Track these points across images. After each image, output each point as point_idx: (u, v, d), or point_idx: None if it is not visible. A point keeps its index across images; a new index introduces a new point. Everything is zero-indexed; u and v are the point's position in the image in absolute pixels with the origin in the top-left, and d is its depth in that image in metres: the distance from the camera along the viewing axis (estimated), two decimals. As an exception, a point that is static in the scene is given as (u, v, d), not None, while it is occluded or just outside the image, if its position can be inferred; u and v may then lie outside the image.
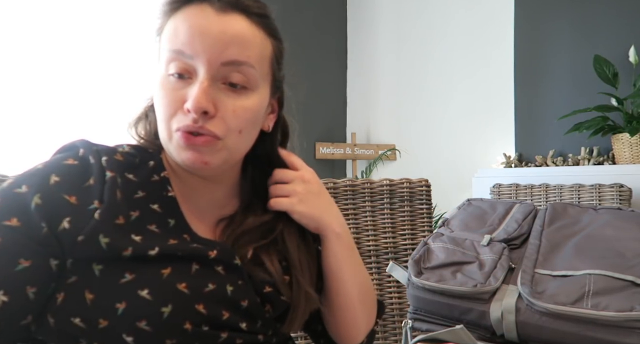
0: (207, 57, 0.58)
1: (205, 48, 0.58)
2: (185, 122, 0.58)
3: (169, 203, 0.63)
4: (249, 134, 0.65)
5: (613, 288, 0.79)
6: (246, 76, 0.61)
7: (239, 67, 0.60)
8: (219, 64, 0.59)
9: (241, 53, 0.60)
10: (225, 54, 0.59)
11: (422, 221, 1.23)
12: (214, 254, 0.61)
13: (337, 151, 3.32)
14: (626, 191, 1.85)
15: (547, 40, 2.59)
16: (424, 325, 0.93)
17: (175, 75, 0.59)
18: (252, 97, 0.62)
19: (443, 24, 3.07)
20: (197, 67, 0.59)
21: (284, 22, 0.77)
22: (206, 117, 0.58)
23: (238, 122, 0.61)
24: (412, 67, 3.23)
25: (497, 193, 2.17)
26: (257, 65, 0.62)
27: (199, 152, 0.59)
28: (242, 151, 0.66)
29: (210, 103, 0.58)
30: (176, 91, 0.59)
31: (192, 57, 0.58)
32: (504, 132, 2.77)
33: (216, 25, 0.58)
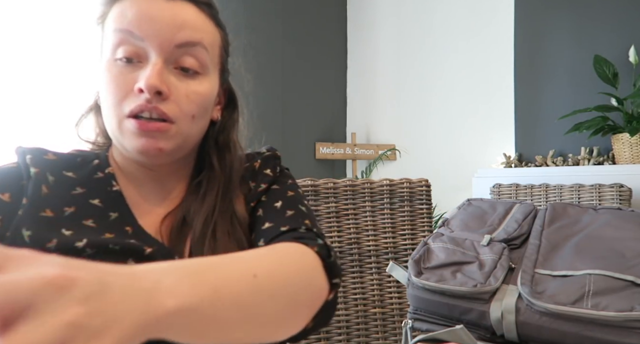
0: (160, 40, 0.57)
1: (156, 31, 0.57)
2: (138, 103, 0.57)
3: (113, 197, 0.62)
4: (201, 120, 0.64)
5: (613, 288, 0.79)
6: (199, 60, 0.60)
7: (192, 49, 0.59)
8: (172, 47, 0.58)
9: (194, 35, 0.59)
10: (178, 36, 0.58)
11: (422, 221, 1.23)
12: (149, 251, 0.59)
13: (337, 151, 3.32)
14: (626, 191, 1.84)
15: (547, 40, 2.59)
16: (424, 325, 0.93)
17: (123, 59, 0.58)
18: (204, 82, 0.62)
19: (443, 23, 3.07)
20: (147, 51, 0.58)
21: (284, 22, 0.77)
22: (159, 99, 0.57)
23: (191, 107, 0.60)
24: (412, 67, 3.23)
25: (497, 193, 2.17)
26: (209, 49, 0.62)
27: (153, 138, 0.58)
28: (195, 138, 0.65)
29: (163, 85, 0.57)
30: (125, 74, 0.58)
31: (143, 40, 0.57)
32: (504, 132, 2.77)
33: (167, 11, 0.58)
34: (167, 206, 0.67)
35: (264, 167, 0.73)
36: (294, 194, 0.71)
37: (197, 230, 0.64)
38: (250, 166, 0.73)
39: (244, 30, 2.97)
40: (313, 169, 3.25)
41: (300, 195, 0.72)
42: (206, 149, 0.70)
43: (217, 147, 0.70)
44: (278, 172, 0.74)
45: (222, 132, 0.70)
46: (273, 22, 3.15)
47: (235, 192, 0.69)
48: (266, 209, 0.68)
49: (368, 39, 3.47)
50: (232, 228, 0.66)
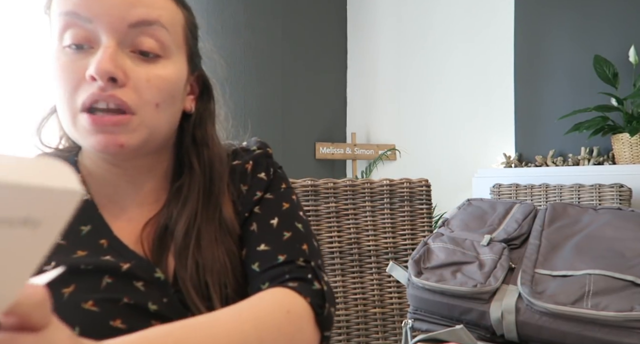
0: (110, 19, 0.50)
1: (105, 9, 0.50)
2: (90, 92, 0.50)
3: (84, 208, 0.56)
4: (168, 109, 0.56)
5: (613, 288, 0.79)
6: (158, 41, 0.53)
7: (149, 28, 0.52)
8: (125, 27, 0.51)
9: (150, 12, 0.52)
10: (132, 14, 0.51)
11: (422, 221, 1.23)
12: (127, 267, 0.53)
13: (337, 151, 3.32)
14: (626, 191, 1.84)
15: (547, 40, 2.59)
16: (424, 325, 0.93)
17: (72, 46, 0.51)
18: (167, 66, 0.55)
19: (443, 23, 3.07)
20: (98, 33, 0.51)
21: (284, 22, 0.76)
22: (115, 86, 0.51)
23: (153, 94, 0.53)
24: (412, 67, 3.23)
25: (497, 193, 2.17)
26: (169, 28, 0.54)
27: (112, 133, 0.51)
28: (163, 130, 0.57)
29: (118, 69, 0.50)
30: (75, 62, 0.51)
31: (91, 21, 0.50)
32: (504, 132, 2.77)
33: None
34: (146, 212, 0.60)
35: (258, 171, 0.66)
36: (289, 207, 0.65)
37: (179, 240, 0.58)
38: (240, 167, 0.66)
39: (244, 30, 2.97)
40: (313, 169, 3.25)
41: (295, 205, 0.67)
42: (184, 146, 0.63)
43: (194, 144, 0.63)
44: (272, 174, 0.67)
45: (199, 125, 0.63)
46: (273, 22, 3.15)
47: (221, 195, 0.63)
48: (261, 225, 0.62)
49: (368, 39, 3.47)
50: (220, 236, 0.60)
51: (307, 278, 0.58)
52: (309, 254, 0.61)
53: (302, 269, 0.59)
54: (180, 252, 0.57)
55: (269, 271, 0.58)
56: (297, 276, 0.58)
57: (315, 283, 0.58)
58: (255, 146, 0.69)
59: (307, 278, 0.58)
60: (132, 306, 0.52)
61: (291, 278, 0.57)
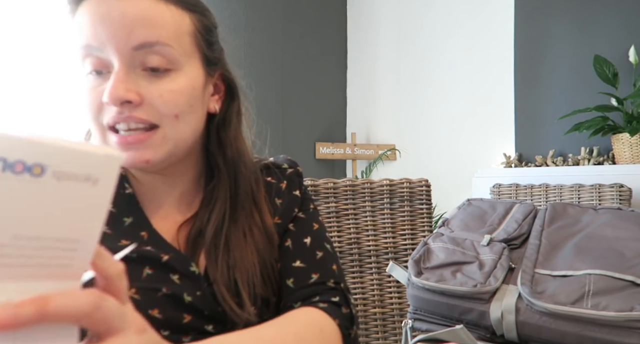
0: (115, 45, 0.53)
1: (109, 36, 0.53)
2: (111, 115, 0.54)
3: (126, 201, 0.60)
4: (189, 118, 0.58)
5: (613, 288, 0.79)
6: (165, 57, 0.55)
7: (152, 49, 0.54)
8: (130, 50, 0.54)
9: (149, 33, 0.54)
10: (132, 38, 0.53)
11: (422, 221, 1.23)
12: (166, 258, 0.57)
13: (337, 151, 3.32)
14: (626, 191, 1.84)
15: (547, 40, 2.59)
16: (424, 325, 0.93)
17: (93, 73, 0.56)
18: (178, 78, 0.57)
19: (443, 23, 3.07)
20: (110, 59, 0.54)
21: (284, 22, 0.76)
22: (131, 107, 0.54)
23: (170, 107, 0.56)
24: (412, 67, 3.23)
25: (497, 193, 2.17)
26: (174, 43, 0.56)
27: (137, 150, 0.55)
28: (188, 139, 0.59)
29: (130, 92, 0.53)
30: (96, 88, 0.55)
31: (101, 49, 0.54)
32: (504, 132, 2.77)
33: (116, 10, 0.53)
34: (183, 212, 0.64)
35: (293, 188, 0.72)
36: (318, 228, 0.71)
37: (209, 240, 0.61)
38: (275, 185, 0.70)
39: (244, 30, 2.97)
40: (313, 169, 3.24)
41: (323, 226, 0.73)
42: (210, 148, 0.65)
43: (219, 144, 0.65)
44: (304, 193, 0.73)
45: (223, 126, 0.65)
46: (273, 22, 3.15)
47: (249, 197, 0.66)
48: (296, 243, 0.68)
49: (368, 39, 3.47)
50: (251, 237, 0.63)
51: (336, 301, 0.64)
52: (338, 274, 0.67)
53: (332, 291, 0.65)
54: (210, 252, 0.60)
55: (302, 290, 0.64)
56: (327, 299, 0.63)
57: (344, 308, 0.63)
58: (286, 164, 0.74)
59: (337, 301, 0.64)
60: (169, 297, 0.55)
61: (321, 300, 0.63)
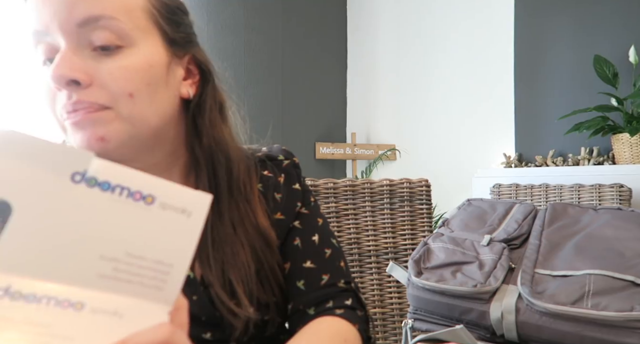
0: (58, 24, 0.50)
1: (52, 15, 0.50)
2: (62, 102, 0.51)
3: None
4: (148, 98, 0.53)
5: (613, 288, 0.79)
6: (113, 32, 0.51)
7: (97, 23, 0.50)
8: (74, 27, 0.50)
9: (92, 7, 0.50)
10: (74, 14, 0.50)
11: (422, 221, 1.23)
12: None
13: (337, 151, 3.32)
14: (626, 191, 1.84)
15: (547, 40, 2.59)
16: (424, 325, 0.93)
17: (46, 62, 0.52)
18: (132, 55, 0.52)
19: (443, 23, 3.07)
20: (57, 42, 0.51)
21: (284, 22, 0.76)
22: (79, 88, 0.50)
23: (121, 85, 0.51)
24: (412, 67, 3.23)
25: (497, 193, 2.17)
26: (121, 17, 0.52)
27: (91, 127, 0.51)
28: (151, 120, 0.54)
29: (76, 71, 0.50)
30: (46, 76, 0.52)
31: (47, 33, 0.51)
32: (504, 132, 2.77)
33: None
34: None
35: (291, 182, 0.69)
36: (323, 223, 0.70)
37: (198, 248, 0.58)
38: (272, 179, 0.67)
39: (244, 30, 2.97)
40: (313, 169, 3.25)
41: (326, 220, 0.72)
42: (188, 136, 0.61)
43: (195, 132, 0.61)
44: (303, 185, 0.70)
45: (199, 112, 0.61)
46: (273, 22, 3.15)
47: (236, 190, 0.62)
48: (305, 242, 0.66)
49: (368, 39, 3.47)
50: (241, 233, 0.60)
51: (350, 305, 0.64)
52: (346, 272, 0.68)
53: (345, 293, 0.65)
54: (200, 251, 0.58)
55: (314, 293, 0.63)
56: (341, 304, 0.63)
57: (359, 311, 0.64)
58: (281, 155, 0.71)
59: (351, 305, 0.64)
60: None
61: (336, 306, 0.63)
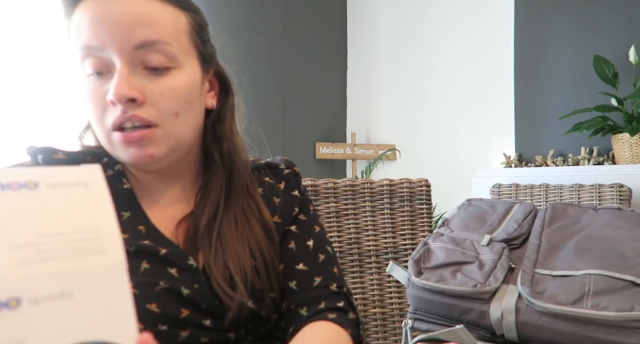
0: (117, 45, 0.54)
1: (111, 37, 0.54)
2: (116, 115, 0.56)
3: (124, 195, 0.61)
4: (189, 115, 0.60)
5: (613, 287, 0.79)
6: (165, 55, 0.57)
7: (153, 47, 0.56)
8: (131, 49, 0.55)
9: (150, 32, 0.55)
10: (133, 37, 0.55)
11: (422, 221, 1.23)
12: (164, 252, 0.58)
13: (337, 151, 3.32)
14: (626, 191, 1.84)
15: (547, 40, 2.59)
16: (424, 325, 0.93)
17: (94, 74, 0.56)
18: (178, 76, 0.58)
19: (443, 23, 3.07)
20: (111, 59, 0.55)
21: (284, 22, 0.76)
22: (135, 105, 0.56)
23: (170, 105, 0.57)
24: (412, 67, 3.23)
25: (497, 193, 2.17)
26: (173, 41, 0.58)
27: (141, 146, 0.57)
28: (188, 135, 0.61)
29: (134, 90, 0.55)
30: (98, 89, 0.56)
31: (102, 49, 0.55)
32: (504, 132, 2.76)
33: (115, 9, 0.54)
34: (180, 209, 0.65)
35: (291, 189, 0.73)
36: (320, 230, 0.73)
37: (202, 231, 0.62)
38: (273, 185, 0.72)
39: (244, 30, 2.97)
40: (313, 169, 3.24)
41: (324, 229, 0.74)
42: (205, 142, 0.67)
43: (214, 138, 0.67)
44: (303, 194, 0.74)
45: (218, 121, 0.67)
46: (273, 22, 3.15)
47: (245, 190, 0.67)
48: (299, 245, 0.69)
49: (368, 39, 3.47)
50: (242, 227, 0.64)
51: (342, 307, 0.65)
52: (339, 277, 0.69)
53: (336, 295, 0.67)
54: (204, 240, 0.62)
55: (306, 293, 0.65)
56: (333, 306, 0.65)
57: (350, 313, 0.66)
58: (283, 164, 0.76)
59: (342, 307, 0.65)
60: (167, 291, 0.56)
61: (328, 308, 0.64)
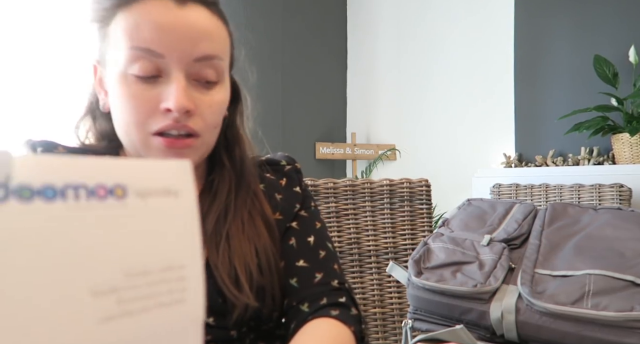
0: (179, 55, 0.55)
1: (174, 45, 0.55)
2: (166, 123, 0.56)
3: None
4: (219, 126, 0.63)
5: (613, 287, 0.79)
6: (216, 70, 0.59)
7: (210, 62, 0.58)
8: (191, 61, 0.56)
9: (212, 47, 0.57)
10: (196, 50, 0.56)
11: (422, 221, 1.23)
12: None
13: (337, 151, 3.32)
14: (626, 191, 1.84)
15: (547, 40, 2.59)
16: (424, 325, 0.93)
17: (140, 77, 0.56)
18: (221, 90, 0.61)
19: (443, 23, 3.07)
20: (168, 66, 0.56)
21: (284, 22, 0.76)
22: (187, 116, 0.57)
23: (214, 118, 0.60)
24: (412, 67, 3.23)
25: (497, 193, 2.17)
26: (224, 58, 0.60)
27: (182, 154, 0.58)
28: (214, 144, 0.64)
29: (191, 102, 0.56)
30: (147, 91, 0.56)
31: (161, 56, 0.55)
32: (504, 132, 2.76)
33: (181, 20, 0.55)
34: None
35: (292, 185, 0.73)
36: (320, 226, 0.73)
37: (209, 230, 0.63)
38: (274, 181, 0.72)
39: (244, 30, 2.97)
40: (313, 169, 3.24)
41: (324, 225, 0.74)
42: (216, 146, 0.68)
43: (226, 143, 0.69)
44: (304, 190, 0.75)
45: (230, 126, 0.69)
46: (273, 21, 3.15)
47: (252, 189, 0.68)
48: (300, 242, 0.69)
49: (368, 39, 3.47)
50: (249, 226, 0.65)
51: (344, 303, 0.65)
52: (340, 274, 0.69)
53: (338, 291, 0.67)
54: (212, 240, 0.62)
55: (307, 290, 0.65)
56: (335, 302, 0.65)
57: (353, 309, 0.65)
58: (284, 160, 0.76)
59: (344, 303, 0.65)
60: None
61: (329, 304, 0.64)
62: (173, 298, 0.24)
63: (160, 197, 0.25)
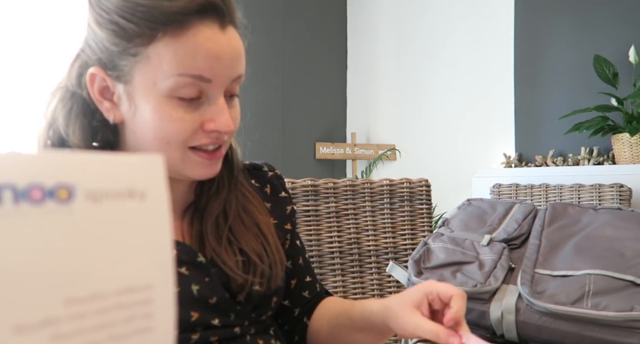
0: (223, 79, 0.58)
1: (223, 71, 0.58)
2: (207, 141, 0.59)
3: None
4: None
5: (613, 287, 0.79)
6: (239, 85, 0.63)
7: (239, 79, 0.62)
8: (228, 81, 0.60)
9: (243, 66, 0.61)
10: (235, 72, 0.60)
11: (422, 221, 1.23)
12: (174, 254, 0.59)
13: (337, 151, 3.32)
14: (626, 191, 1.84)
15: (547, 40, 2.59)
16: (424, 325, 0.93)
17: (186, 100, 0.57)
18: (238, 101, 0.65)
19: (443, 23, 3.07)
20: (211, 88, 0.58)
21: (284, 22, 0.76)
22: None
23: (235, 128, 0.63)
24: (412, 67, 3.23)
25: (497, 193, 2.17)
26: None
27: (217, 164, 0.62)
28: None
29: (233, 122, 0.61)
30: (189, 114, 0.58)
31: (210, 81, 0.57)
32: (504, 132, 2.76)
33: (227, 46, 0.58)
34: (179, 204, 0.67)
35: (277, 191, 0.77)
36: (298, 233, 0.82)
37: (213, 221, 0.65)
38: (259, 188, 0.76)
39: (244, 30, 2.97)
40: (313, 169, 3.24)
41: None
42: None
43: None
44: (288, 193, 0.80)
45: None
46: (273, 22, 3.15)
47: (245, 187, 0.71)
48: (304, 260, 0.79)
49: (368, 39, 3.47)
50: (250, 224, 0.68)
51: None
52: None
53: (326, 294, 0.82)
54: (213, 235, 0.65)
55: (315, 299, 0.78)
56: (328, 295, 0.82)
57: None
58: (265, 167, 0.79)
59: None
60: (178, 295, 0.58)
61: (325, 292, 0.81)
62: (134, 328, 0.20)
63: (120, 201, 0.20)
